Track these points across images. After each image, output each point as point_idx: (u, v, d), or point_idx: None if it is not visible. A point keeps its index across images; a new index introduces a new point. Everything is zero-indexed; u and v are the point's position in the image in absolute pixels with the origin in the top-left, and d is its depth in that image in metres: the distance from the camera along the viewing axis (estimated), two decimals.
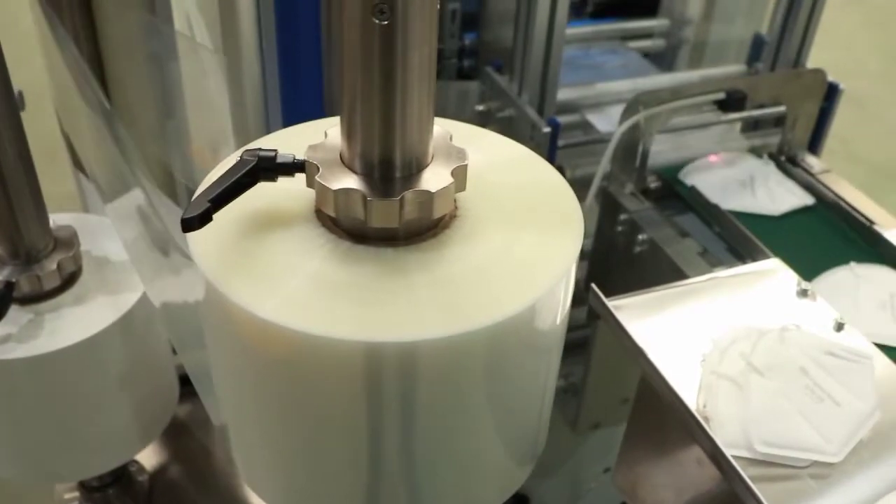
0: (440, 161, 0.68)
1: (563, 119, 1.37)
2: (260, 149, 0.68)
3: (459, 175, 0.67)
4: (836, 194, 1.23)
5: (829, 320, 0.97)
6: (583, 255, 1.33)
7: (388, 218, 0.66)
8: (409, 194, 0.65)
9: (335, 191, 0.65)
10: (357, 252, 0.67)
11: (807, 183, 1.26)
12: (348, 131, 0.65)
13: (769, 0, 1.45)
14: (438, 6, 0.61)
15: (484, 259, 0.67)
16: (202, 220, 0.64)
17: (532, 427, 0.79)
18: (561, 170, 1.22)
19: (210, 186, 0.66)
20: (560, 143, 1.21)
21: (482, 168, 0.72)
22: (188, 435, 1.44)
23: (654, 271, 1.09)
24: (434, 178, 0.66)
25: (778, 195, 1.21)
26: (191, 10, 1.08)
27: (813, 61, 1.46)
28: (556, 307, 0.69)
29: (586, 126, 1.37)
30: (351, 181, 0.66)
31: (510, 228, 0.69)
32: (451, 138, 0.70)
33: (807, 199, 1.23)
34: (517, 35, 1.20)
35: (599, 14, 1.66)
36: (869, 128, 3.36)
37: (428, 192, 0.65)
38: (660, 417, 0.90)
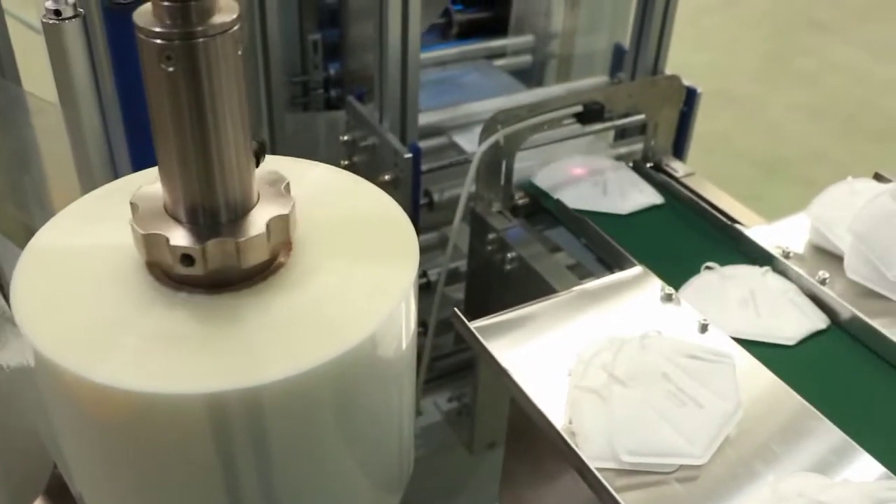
0: (267, 201, 0.68)
1: (430, 142, 1.38)
2: None
3: (288, 212, 0.67)
4: (699, 196, 1.25)
5: (693, 323, 0.98)
6: (459, 277, 1.33)
7: (225, 262, 0.65)
8: (243, 236, 0.65)
9: (164, 244, 0.64)
10: (192, 302, 0.66)
11: (668, 185, 1.28)
12: (165, 180, 0.64)
13: (629, 11, 1.48)
14: (240, 51, 0.60)
15: (320, 295, 0.66)
16: None
17: (393, 455, 0.78)
18: (428, 194, 1.23)
19: None
20: (425, 167, 1.21)
21: (314, 201, 0.72)
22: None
23: (526, 289, 1.09)
24: (263, 217, 0.66)
25: (630, 195, 1.24)
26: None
27: (694, 64, 1.49)
28: (399, 334, 0.69)
29: (455, 148, 1.37)
30: (178, 232, 0.65)
31: (345, 260, 0.69)
32: (277, 176, 0.69)
33: (656, 199, 1.25)
34: (375, 63, 1.20)
35: (465, 35, 1.67)
36: (750, 125, 3.47)
37: (260, 231, 0.65)
38: (532, 436, 0.90)
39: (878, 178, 1.22)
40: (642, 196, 1.25)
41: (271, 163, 0.72)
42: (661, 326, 0.96)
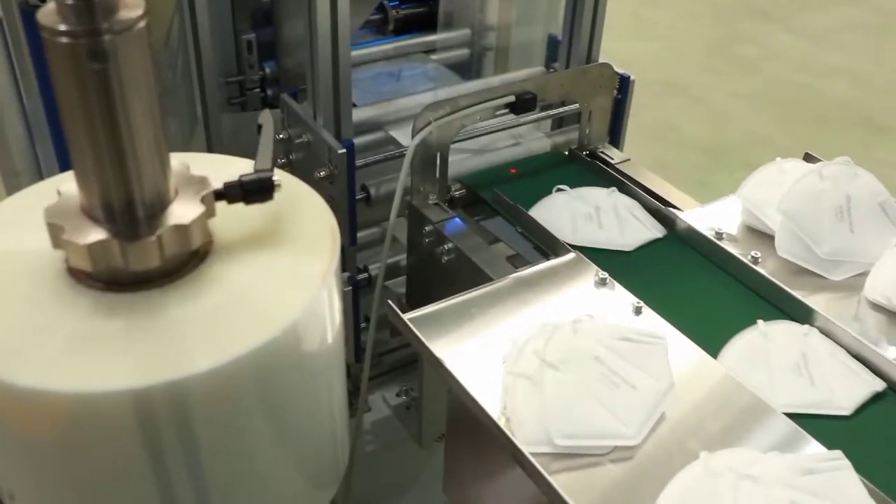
0: (185, 195, 0.68)
1: (367, 137, 1.37)
2: None
3: (207, 203, 0.67)
4: (635, 181, 1.26)
5: (627, 305, 0.99)
6: (401, 272, 1.33)
7: (146, 259, 0.65)
8: (163, 232, 0.65)
9: (85, 245, 0.64)
10: (115, 301, 0.66)
11: (603, 172, 1.29)
12: (80, 180, 0.64)
13: (562, 1, 1.48)
14: (148, 47, 0.60)
15: (241, 287, 0.67)
16: None
17: (327, 449, 0.78)
18: (365, 189, 1.23)
19: None
20: (360, 161, 1.21)
21: None
22: None
23: (464, 279, 1.09)
24: (182, 212, 0.66)
25: (629, 228, 1.19)
26: None
27: (639, 55, 1.50)
28: (322, 325, 0.69)
29: (393, 142, 1.37)
30: (98, 232, 0.65)
31: (266, 252, 0.69)
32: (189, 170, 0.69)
33: (657, 232, 1.22)
34: (307, 61, 1.19)
35: (402, 30, 1.67)
36: (695, 113, 3.50)
37: (180, 226, 0.65)
38: (472, 427, 0.90)
39: (808, 158, 1.24)
40: (644, 229, 1.18)
41: (190, 159, 0.72)
42: (595, 310, 0.97)
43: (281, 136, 1.28)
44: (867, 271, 1.06)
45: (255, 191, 0.68)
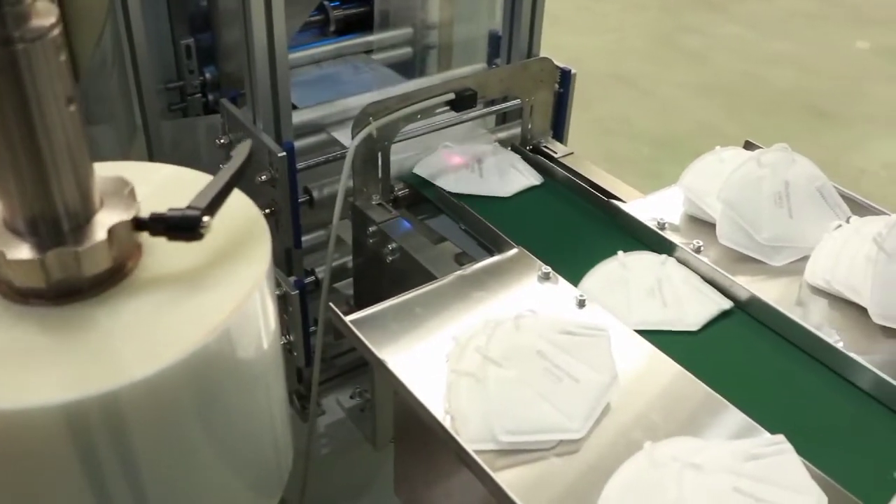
0: (110, 206, 0.67)
1: (309, 140, 1.37)
2: None
3: (132, 216, 0.66)
4: (578, 174, 1.27)
5: (571, 299, 1.00)
6: (349, 273, 1.32)
7: (72, 271, 0.64)
8: (88, 243, 0.64)
9: (9, 260, 0.63)
10: (40, 314, 0.65)
11: (548, 168, 1.29)
12: (3, 195, 0.63)
13: None
14: (62, 56, 0.59)
15: (171, 296, 0.66)
16: None
17: (268, 455, 0.77)
18: (308, 192, 1.22)
19: None
20: (301, 164, 1.20)
21: (162, 203, 0.71)
22: None
23: (410, 279, 1.09)
24: (104, 226, 0.65)
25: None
26: None
27: (589, 49, 1.50)
28: (256, 330, 0.69)
29: (337, 144, 1.36)
30: (18, 245, 0.63)
31: (195, 259, 0.68)
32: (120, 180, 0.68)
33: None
34: (244, 64, 1.18)
35: (344, 31, 1.66)
36: (644, 105, 3.53)
37: (99, 241, 0.64)
38: (418, 426, 0.90)
39: (748, 145, 1.25)
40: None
41: (114, 167, 0.71)
42: (539, 305, 0.97)
43: (222, 141, 1.27)
44: (808, 256, 1.07)
45: (178, 228, 0.65)
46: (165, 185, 0.74)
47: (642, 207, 1.17)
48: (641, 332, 0.96)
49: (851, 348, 0.95)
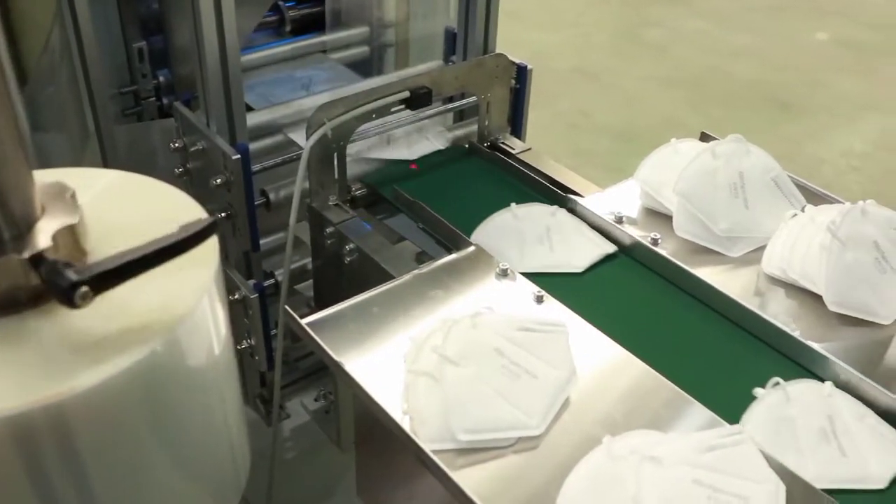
0: (53, 213, 0.65)
1: (266, 141, 1.35)
2: None
3: (75, 222, 0.65)
4: (535, 170, 1.26)
5: (528, 295, 0.99)
6: (307, 275, 1.31)
7: (13, 280, 0.63)
8: (29, 252, 0.62)
9: None
10: None
11: (503, 163, 1.29)
12: None
13: None
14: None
15: (118, 302, 0.65)
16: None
17: (225, 462, 0.76)
18: (265, 194, 1.20)
19: None
20: (257, 166, 1.19)
21: (107, 209, 0.70)
22: None
23: (368, 279, 1.08)
24: (47, 233, 0.64)
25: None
26: None
27: (551, 44, 1.50)
28: (207, 336, 0.68)
29: (295, 145, 1.35)
30: None
31: None
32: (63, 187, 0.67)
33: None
34: (196, 67, 1.17)
35: (301, 31, 1.65)
36: (607, 98, 3.54)
37: (43, 249, 0.63)
38: (378, 428, 0.89)
39: (704, 137, 1.25)
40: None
41: (57, 174, 0.69)
42: (497, 302, 0.96)
43: (176, 144, 1.25)
44: (764, 246, 1.07)
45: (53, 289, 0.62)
46: (109, 191, 0.72)
47: (600, 201, 1.17)
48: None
49: (808, 336, 0.96)
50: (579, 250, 1.09)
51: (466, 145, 1.33)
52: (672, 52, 3.95)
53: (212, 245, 0.69)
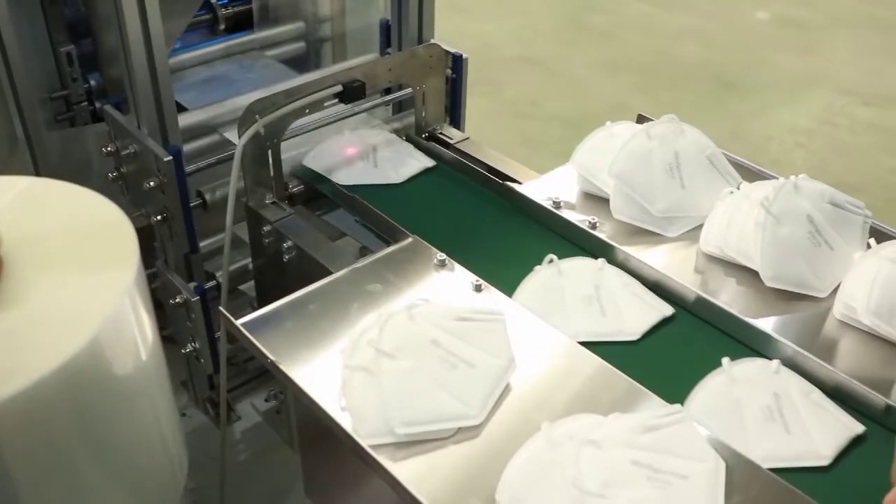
0: None
1: (203, 141, 1.34)
2: None
3: None
4: (473, 158, 1.26)
5: (467, 284, 0.99)
6: (250, 275, 1.30)
7: None
8: None
9: None
10: None
11: (441, 153, 1.28)
12: None
13: None
14: None
15: (35, 309, 0.63)
16: None
17: (161, 467, 0.76)
18: (200, 195, 1.19)
19: None
20: (191, 167, 1.17)
21: (24, 215, 0.68)
22: None
23: (308, 276, 1.07)
24: None
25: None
26: None
27: (497, 34, 1.49)
28: (131, 339, 0.67)
29: (229, 144, 1.33)
30: None
31: (60, 271, 0.66)
32: None
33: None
34: (124, 69, 1.15)
35: (235, 29, 1.63)
36: (555, 86, 3.54)
37: None
38: (319, 426, 0.88)
39: (641, 119, 1.25)
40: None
41: None
42: (436, 293, 0.96)
43: (108, 148, 1.23)
44: (701, 225, 1.08)
45: None
46: (23, 198, 0.71)
47: (537, 187, 1.17)
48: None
49: (748, 313, 0.96)
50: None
51: (404, 137, 1.32)
52: (618, 37, 3.96)
53: (130, 246, 0.68)
